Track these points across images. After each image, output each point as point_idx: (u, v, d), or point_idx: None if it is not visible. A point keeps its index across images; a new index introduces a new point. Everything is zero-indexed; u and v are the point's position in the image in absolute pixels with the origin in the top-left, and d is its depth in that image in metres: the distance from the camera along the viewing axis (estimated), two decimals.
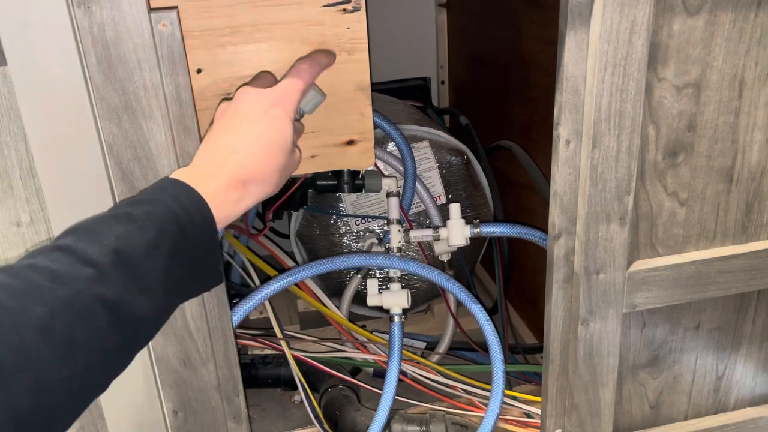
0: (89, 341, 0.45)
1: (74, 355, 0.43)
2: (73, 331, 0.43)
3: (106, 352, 0.46)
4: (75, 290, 0.44)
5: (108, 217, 0.51)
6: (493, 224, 0.93)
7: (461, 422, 0.95)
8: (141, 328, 0.50)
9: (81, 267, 0.45)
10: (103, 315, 0.45)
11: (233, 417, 0.80)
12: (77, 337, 0.44)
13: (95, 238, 0.48)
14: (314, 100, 0.73)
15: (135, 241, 0.48)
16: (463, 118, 1.43)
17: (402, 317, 0.96)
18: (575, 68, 0.68)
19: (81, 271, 0.45)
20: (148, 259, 0.48)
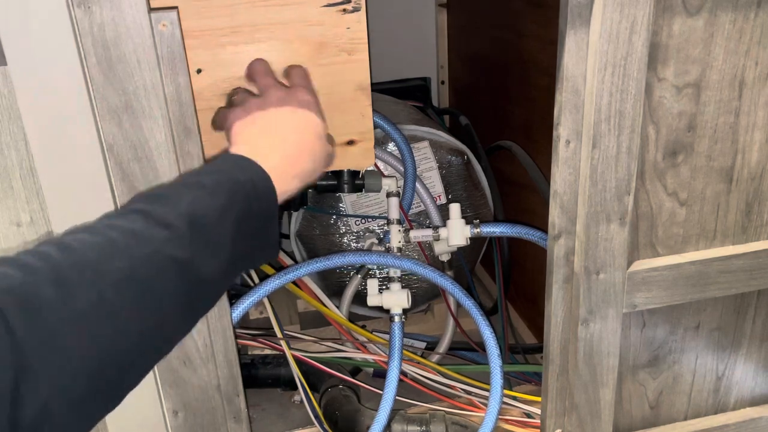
0: (162, 298, 0.47)
1: (148, 311, 0.45)
2: (148, 287, 0.46)
3: (176, 312, 0.48)
4: (151, 249, 0.46)
5: (178, 184, 0.53)
6: (493, 224, 0.93)
7: (461, 422, 0.95)
8: (207, 292, 0.52)
9: (157, 228, 0.47)
10: (175, 275, 0.47)
11: (233, 417, 0.80)
12: (152, 294, 0.46)
13: (168, 202, 0.50)
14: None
15: (206, 206, 0.51)
16: (463, 118, 1.43)
17: (402, 317, 0.96)
18: (575, 68, 0.68)
19: (157, 232, 0.47)
20: (218, 225, 0.51)
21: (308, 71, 0.69)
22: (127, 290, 0.44)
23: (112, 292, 0.43)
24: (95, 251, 0.44)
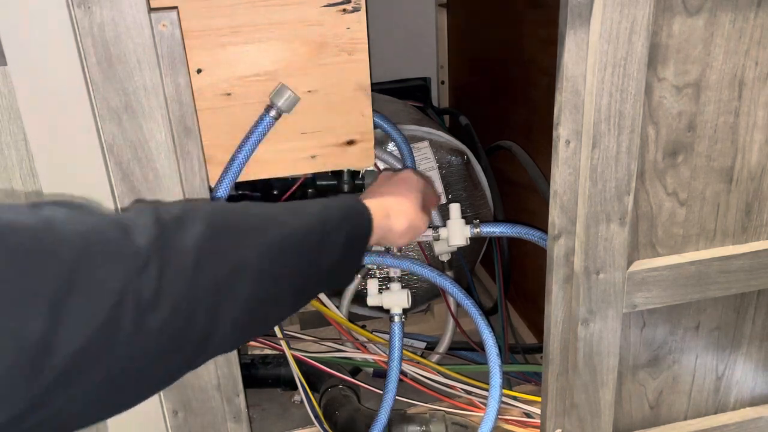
0: (296, 271, 0.56)
1: (286, 278, 0.55)
2: (292, 259, 0.55)
3: (300, 288, 0.58)
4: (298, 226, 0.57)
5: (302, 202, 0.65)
6: (493, 224, 0.93)
7: (461, 422, 0.95)
8: (317, 284, 0.62)
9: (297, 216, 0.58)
10: (310, 256, 0.58)
11: (233, 417, 0.80)
12: (293, 265, 0.56)
13: (299, 205, 0.61)
14: (290, 101, 0.75)
15: (332, 215, 0.62)
16: (463, 118, 1.43)
17: (402, 317, 0.96)
18: (575, 68, 0.68)
19: (298, 218, 0.58)
20: (337, 233, 0.61)
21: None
22: (277, 257, 0.54)
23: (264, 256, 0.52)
24: (258, 219, 0.55)
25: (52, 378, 0.37)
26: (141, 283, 0.42)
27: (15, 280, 0.35)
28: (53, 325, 0.36)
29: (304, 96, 0.77)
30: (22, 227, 0.38)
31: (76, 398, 0.39)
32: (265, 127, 0.76)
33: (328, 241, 0.60)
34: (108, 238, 0.42)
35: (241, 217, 0.54)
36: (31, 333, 0.35)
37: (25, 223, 0.38)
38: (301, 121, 0.78)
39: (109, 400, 0.44)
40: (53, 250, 0.38)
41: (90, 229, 0.41)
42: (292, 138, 0.79)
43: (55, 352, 0.37)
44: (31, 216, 0.39)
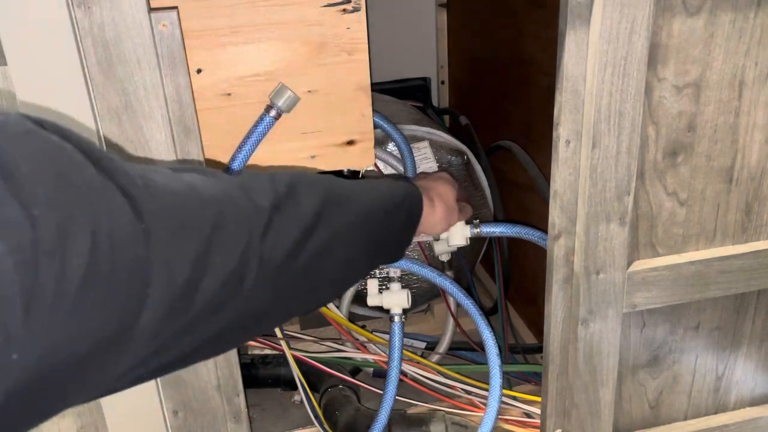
0: (371, 239, 0.64)
1: (364, 244, 0.63)
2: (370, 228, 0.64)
3: (372, 255, 0.66)
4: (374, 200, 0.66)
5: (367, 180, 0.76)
6: (493, 224, 0.93)
7: (461, 422, 0.95)
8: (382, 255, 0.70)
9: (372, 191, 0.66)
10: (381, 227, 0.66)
11: (233, 417, 0.80)
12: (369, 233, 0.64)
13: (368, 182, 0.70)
14: (290, 101, 0.75)
15: (396, 193, 0.70)
16: (463, 118, 1.43)
17: (402, 317, 0.96)
18: (575, 68, 0.68)
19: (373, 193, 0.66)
20: (399, 209, 0.70)
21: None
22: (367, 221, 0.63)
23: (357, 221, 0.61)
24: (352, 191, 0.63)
25: (186, 321, 0.42)
26: (262, 242, 0.48)
27: (169, 237, 0.40)
28: (196, 276, 0.42)
29: (304, 96, 0.77)
30: (174, 191, 0.43)
31: (200, 339, 0.44)
32: (265, 127, 0.76)
33: (393, 215, 0.69)
34: (236, 202, 0.47)
35: (337, 189, 0.60)
36: (179, 282, 0.40)
37: (175, 187, 0.43)
38: (301, 121, 0.78)
39: (220, 345, 0.50)
40: (198, 212, 0.44)
41: (221, 193, 0.47)
42: (292, 138, 0.79)
43: (195, 299, 0.42)
44: (178, 181, 0.44)
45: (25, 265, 0.30)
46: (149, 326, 0.39)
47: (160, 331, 0.40)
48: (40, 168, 0.33)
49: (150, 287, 0.38)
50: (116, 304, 0.36)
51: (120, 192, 0.37)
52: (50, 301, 0.31)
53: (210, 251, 0.43)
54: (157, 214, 0.39)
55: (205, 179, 0.47)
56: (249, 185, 0.50)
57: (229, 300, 0.45)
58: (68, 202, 0.33)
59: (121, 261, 0.36)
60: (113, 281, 0.35)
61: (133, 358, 0.39)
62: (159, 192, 0.41)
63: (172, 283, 0.40)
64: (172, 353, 0.43)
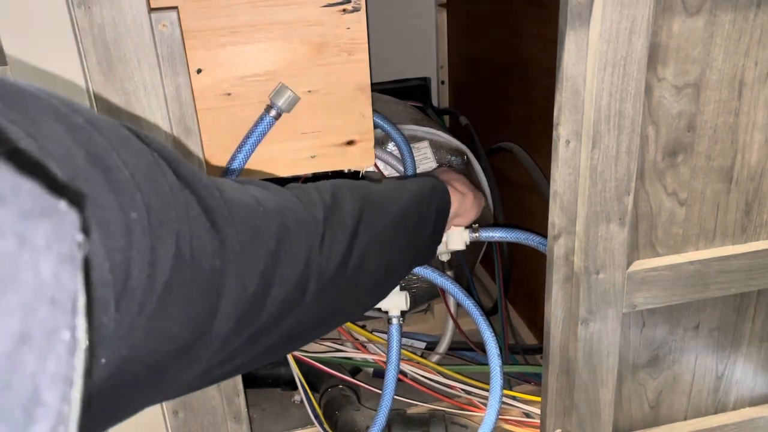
0: (406, 241, 0.67)
1: (406, 243, 0.67)
2: (404, 229, 0.66)
3: (409, 259, 0.71)
4: (406, 201, 0.67)
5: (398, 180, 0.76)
6: (491, 228, 0.93)
7: (461, 422, 0.95)
8: (417, 255, 0.73)
9: (403, 192, 0.68)
10: (414, 227, 0.69)
11: (233, 417, 0.80)
12: (404, 235, 0.67)
13: (398, 183, 0.72)
14: (290, 101, 0.75)
15: (425, 191, 0.72)
16: (463, 118, 1.43)
17: (400, 320, 0.96)
18: (575, 68, 0.68)
19: (404, 194, 0.68)
20: (429, 207, 0.73)
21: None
22: (404, 218, 0.66)
23: (397, 219, 0.64)
24: (390, 190, 0.67)
25: (253, 330, 0.43)
26: (321, 252, 0.50)
27: (243, 251, 0.41)
28: (264, 288, 0.43)
29: (304, 96, 0.77)
30: (243, 204, 0.44)
31: (262, 347, 0.46)
32: (265, 127, 0.76)
33: (426, 213, 0.71)
34: (296, 214, 0.49)
35: (373, 194, 0.62)
36: (249, 293, 0.42)
37: (244, 200, 0.44)
38: (301, 121, 0.78)
39: (277, 353, 0.52)
40: (265, 225, 0.45)
41: (282, 205, 0.49)
42: (292, 138, 0.79)
43: (263, 310, 0.43)
44: (245, 194, 0.45)
45: (119, 268, 0.30)
46: (220, 334, 0.40)
47: (229, 338, 0.41)
48: (138, 173, 0.33)
49: (222, 297, 0.39)
50: (193, 311, 0.37)
51: (197, 202, 0.38)
52: (137, 306, 0.32)
53: (277, 263, 0.45)
54: (231, 227, 0.41)
55: (264, 192, 0.48)
56: (302, 197, 0.52)
57: (292, 310, 0.47)
58: (159, 208, 0.34)
59: (199, 270, 0.37)
60: (191, 289, 0.36)
61: (205, 363, 0.40)
62: (232, 204, 0.42)
63: (243, 294, 0.41)
64: (239, 360, 0.44)
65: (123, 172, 0.32)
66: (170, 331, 0.35)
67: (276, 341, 0.47)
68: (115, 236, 0.30)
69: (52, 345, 0.22)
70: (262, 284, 0.43)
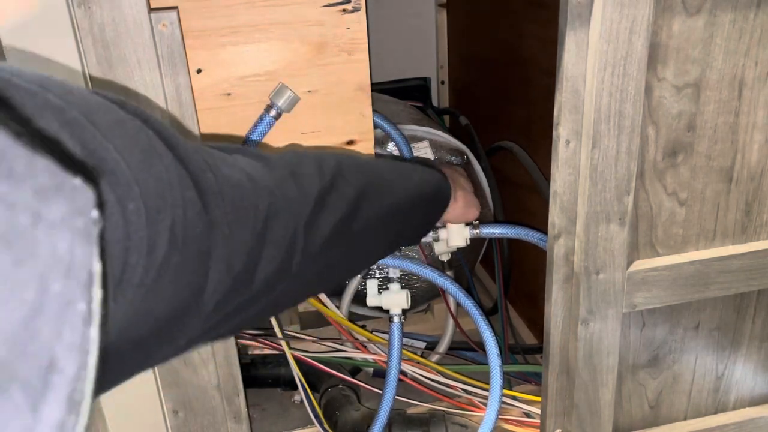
0: (402, 226, 0.71)
1: (393, 232, 0.70)
2: (403, 217, 0.70)
3: (396, 240, 0.74)
4: (413, 183, 0.72)
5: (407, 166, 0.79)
6: (492, 225, 0.93)
7: (461, 422, 0.95)
8: (405, 241, 0.79)
9: (406, 182, 0.71)
10: (406, 216, 0.72)
11: (233, 417, 0.80)
12: (402, 221, 0.71)
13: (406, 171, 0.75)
14: (290, 101, 0.75)
15: (430, 184, 0.76)
16: (463, 118, 1.43)
17: (401, 318, 0.96)
18: (575, 68, 0.68)
19: (407, 185, 0.71)
20: (429, 202, 0.76)
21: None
22: (393, 216, 0.67)
23: (411, 195, 0.70)
24: (401, 171, 0.71)
25: (243, 300, 0.46)
26: (306, 230, 0.52)
27: (231, 231, 0.43)
28: (252, 265, 0.46)
29: (304, 96, 0.77)
30: (234, 183, 0.45)
31: (254, 311, 0.49)
32: (265, 127, 0.76)
33: (420, 208, 0.75)
34: (286, 193, 0.51)
35: (376, 180, 0.65)
36: (236, 271, 0.44)
37: (235, 179, 0.46)
38: (301, 121, 0.78)
39: (271, 313, 0.60)
40: (253, 205, 0.47)
41: (273, 183, 0.50)
42: (292, 138, 0.79)
43: (250, 285, 0.46)
44: (236, 170, 0.47)
45: (118, 256, 0.32)
46: (207, 308, 0.42)
47: (217, 311, 0.44)
48: (134, 161, 0.34)
49: (209, 277, 0.41)
50: (180, 290, 0.39)
51: (192, 183, 0.39)
52: (134, 286, 0.34)
53: (263, 243, 0.47)
54: (221, 208, 0.42)
55: (257, 165, 0.50)
56: (298, 172, 0.54)
57: (278, 283, 0.50)
58: (155, 194, 0.35)
59: (188, 252, 0.39)
60: (180, 271, 0.38)
61: (199, 328, 0.43)
62: (224, 184, 0.43)
63: (230, 273, 0.43)
64: (227, 326, 0.48)
65: (120, 165, 0.33)
66: (163, 303, 0.38)
67: (262, 309, 0.50)
68: (115, 228, 0.32)
69: (67, 316, 0.23)
70: (248, 263, 0.45)
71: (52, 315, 0.23)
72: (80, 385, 0.23)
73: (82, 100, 0.34)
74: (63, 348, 0.23)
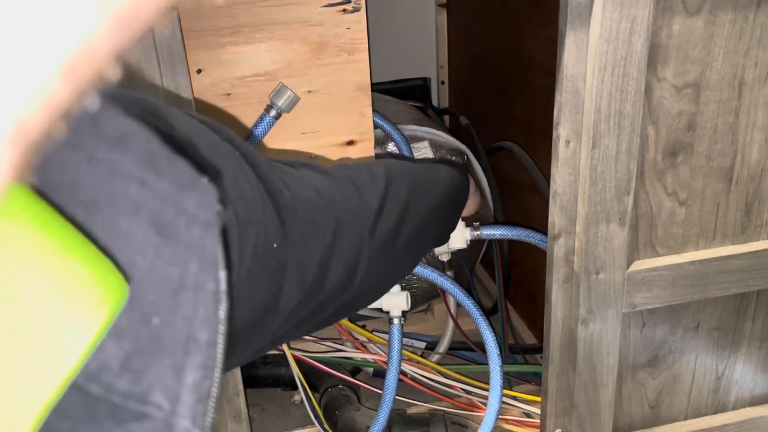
0: (442, 222, 0.80)
1: (436, 227, 0.78)
2: (445, 212, 0.77)
3: (440, 233, 0.83)
4: (445, 179, 0.78)
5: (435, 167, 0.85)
6: (492, 226, 0.93)
7: (461, 422, 0.95)
8: (443, 235, 0.87)
9: (438, 182, 0.77)
10: (451, 209, 0.82)
11: (233, 417, 0.80)
12: (444, 216, 0.78)
13: (436, 172, 0.82)
14: (290, 101, 0.75)
15: (456, 180, 0.83)
16: (463, 118, 1.43)
17: (401, 319, 0.96)
18: (575, 68, 0.68)
19: (439, 184, 0.77)
20: (460, 195, 0.84)
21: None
22: (434, 212, 0.72)
23: (442, 194, 0.75)
24: (430, 172, 0.76)
25: (314, 306, 0.50)
26: (371, 238, 0.55)
27: (304, 244, 0.47)
28: (322, 275, 0.49)
29: (304, 96, 0.77)
30: (305, 199, 0.49)
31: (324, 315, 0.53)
32: (265, 127, 0.76)
33: (455, 201, 0.81)
34: (351, 203, 0.55)
35: (419, 181, 0.69)
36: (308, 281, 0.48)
37: (304, 195, 0.49)
38: (301, 121, 0.78)
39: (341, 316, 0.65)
40: (323, 220, 0.50)
41: (339, 196, 0.54)
42: (292, 138, 0.79)
43: (321, 291, 0.50)
44: (306, 187, 0.50)
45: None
46: (285, 311, 0.46)
47: (293, 314, 0.48)
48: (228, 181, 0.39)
49: (284, 286, 0.45)
50: (261, 296, 0.43)
51: (271, 201, 0.43)
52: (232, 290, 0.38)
53: (332, 254, 0.50)
54: (294, 222, 0.46)
55: (324, 180, 0.54)
56: (357, 182, 0.58)
57: (346, 288, 0.53)
58: (245, 212, 0.39)
59: (267, 265, 0.43)
60: (260, 280, 0.42)
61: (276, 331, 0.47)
62: (297, 200, 0.47)
63: (303, 283, 0.47)
64: (307, 326, 0.52)
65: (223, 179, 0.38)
66: (241, 316, 0.41)
67: (336, 310, 0.55)
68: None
69: (201, 293, 0.27)
70: (319, 273, 0.49)
71: (190, 292, 0.27)
72: (213, 352, 0.27)
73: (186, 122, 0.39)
74: (199, 321, 0.27)
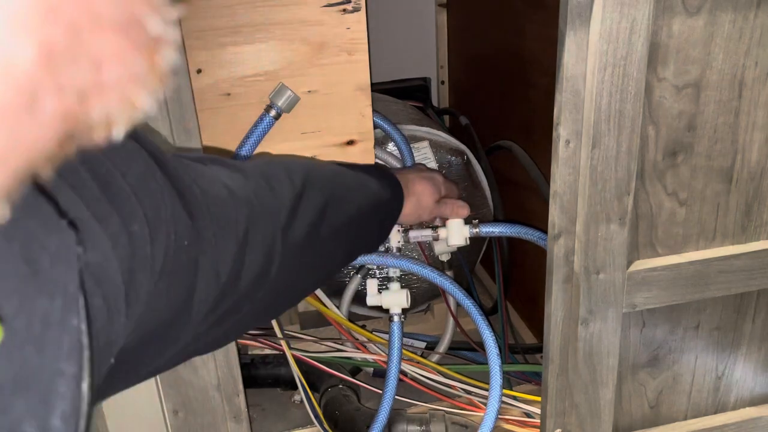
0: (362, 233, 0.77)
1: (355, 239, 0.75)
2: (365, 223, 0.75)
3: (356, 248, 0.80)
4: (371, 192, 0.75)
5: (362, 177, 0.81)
6: (492, 224, 0.93)
7: (461, 422, 0.95)
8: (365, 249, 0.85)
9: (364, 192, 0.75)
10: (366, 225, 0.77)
11: (233, 417, 0.80)
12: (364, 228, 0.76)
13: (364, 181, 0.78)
14: (290, 101, 0.75)
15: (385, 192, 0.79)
16: (463, 118, 1.43)
17: (402, 317, 0.96)
18: (575, 68, 0.68)
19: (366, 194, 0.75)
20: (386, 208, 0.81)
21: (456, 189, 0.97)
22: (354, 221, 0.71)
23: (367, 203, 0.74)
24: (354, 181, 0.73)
25: (229, 305, 0.50)
26: (284, 235, 0.56)
27: (216, 241, 0.47)
28: (236, 271, 0.49)
29: (304, 96, 0.77)
30: (215, 196, 0.49)
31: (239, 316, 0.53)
32: (265, 127, 0.76)
33: (379, 215, 0.79)
34: (263, 201, 0.54)
35: (339, 190, 0.69)
36: (222, 278, 0.48)
37: (215, 192, 0.49)
38: (301, 121, 0.78)
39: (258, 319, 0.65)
40: (234, 216, 0.50)
41: (251, 193, 0.53)
42: (292, 138, 0.79)
43: (236, 289, 0.50)
44: (216, 184, 0.50)
45: (128, 271, 0.37)
46: (200, 312, 0.46)
47: (209, 315, 0.47)
48: (135, 182, 0.39)
49: (197, 284, 0.45)
50: (173, 296, 0.43)
51: (179, 198, 0.43)
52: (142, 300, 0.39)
53: (245, 250, 0.50)
54: (206, 220, 0.46)
55: (234, 176, 0.53)
56: (272, 180, 0.57)
57: (262, 285, 0.53)
58: (153, 214, 0.40)
59: (179, 262, 0.43)
60: (172, 279, 0.42)
61: (192, 333, 0.47)
62: (208, 197, 0.47)
63: (218, 279, 0.47)
64: (222, 328, 0.51)
65: (124, 189, 0.38)
66: (156, 315, 0.41)
67: (244, 316, 0.54)
68: (123, 246, 0.37)
69: (65, 327, 0.29)
70: (233, 269, 0.49)
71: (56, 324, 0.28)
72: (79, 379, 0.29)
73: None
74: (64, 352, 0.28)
